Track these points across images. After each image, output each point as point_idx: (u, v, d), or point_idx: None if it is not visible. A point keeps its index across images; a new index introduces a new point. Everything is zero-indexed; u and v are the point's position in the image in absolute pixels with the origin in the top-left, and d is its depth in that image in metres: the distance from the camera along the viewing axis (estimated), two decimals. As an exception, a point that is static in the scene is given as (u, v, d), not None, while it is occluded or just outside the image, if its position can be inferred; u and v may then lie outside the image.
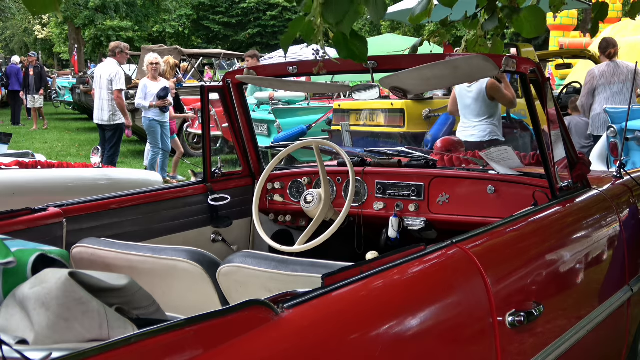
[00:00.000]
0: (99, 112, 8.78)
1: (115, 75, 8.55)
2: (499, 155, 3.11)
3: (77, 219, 2.67)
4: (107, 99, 8.65)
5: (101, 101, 8.72)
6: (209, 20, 37.80)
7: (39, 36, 37.12)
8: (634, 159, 6.12)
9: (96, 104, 8.86)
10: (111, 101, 8.62)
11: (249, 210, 3.32)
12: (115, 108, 8.63)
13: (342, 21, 1.61)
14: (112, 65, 8.70)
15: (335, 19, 1.60)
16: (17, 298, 1.46)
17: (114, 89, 8.52)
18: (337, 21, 1.60)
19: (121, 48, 8.82)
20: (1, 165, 4.47)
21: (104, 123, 8.78)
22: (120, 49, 8.78)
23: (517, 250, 2.18)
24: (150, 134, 9.09)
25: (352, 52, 1.70)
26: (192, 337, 1.22)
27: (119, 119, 8.73)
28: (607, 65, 6.99)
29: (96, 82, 8.93)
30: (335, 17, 1.59)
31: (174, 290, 2.16)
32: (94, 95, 9.04)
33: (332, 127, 8.76)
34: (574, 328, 2.25)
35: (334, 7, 1.58)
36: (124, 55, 8.85)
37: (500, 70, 2.45)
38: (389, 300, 1.62)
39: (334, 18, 1.59)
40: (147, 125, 9.05)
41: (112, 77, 8.55)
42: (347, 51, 1.70)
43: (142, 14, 29.45)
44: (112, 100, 8.60)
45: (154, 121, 9.00)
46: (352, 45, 1.68)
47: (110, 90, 8.56)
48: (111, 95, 8.57)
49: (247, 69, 3.18)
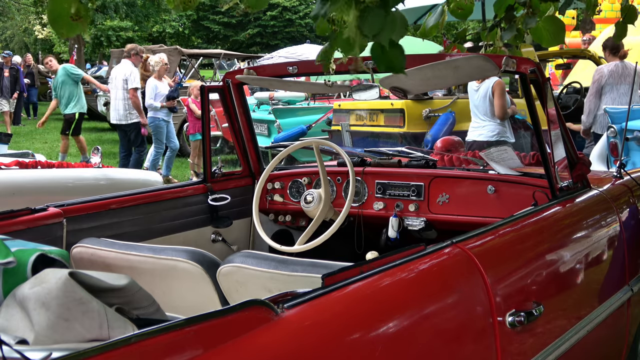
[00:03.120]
0: (115, 112, 8.85)
1: (130, 75, 8.65)
2: (499, 155, 3.11)
3: (77, 219, 2.67)
4: (122, 99, 8.73)
5: (116, 101, 8.80)
6: (209, 20, 37.80)
7: (39, 36, 37.13)
8: (634, 159, 6.12)
9: (112, 105, 8.94)
10: (126, 100, 8.68)
11: (249, 210, 3.32)
12: (131, 107, 8.69)
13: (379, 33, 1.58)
14: (127, 66, 8.79)
15: (372, 31, 1.56)
16: (17, 298, 1.46)
17: (129, 88, 8.60)
18: (375, 33, 1.57)
19: (137, 50, 8.95)
20: (1, 165, 4.47)
21: (120, 122, 8.84)
22: (135, 51, 8.91)
23: (517, 250, 2.18)
24: (157, 133, 9.09)
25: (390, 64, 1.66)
26: (192, 337, 1.22)
27: (135, 118, 8.79)
28: (616, 66, 6.95)
29: (112, 83, 8.98)
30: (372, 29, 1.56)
31: (174, 290, 2.16)
32: (111, 97, 9.10)
33: (332, 127, 8.76)
34: (574, 328, 2.25)
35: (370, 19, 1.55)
36: (139, 57, 8.97)
37: (501, 70, 2.45)
38: (389, 300, 1.62)
39: (370, 30, 1.56)
40: (155, 124, 9.06)
41: (127, 76, 8.64)
42: (386, 63, 1.66)
43: (142, 14, 29.43)
44: (127, 99, 8.67)
45: (163, 121, 9.03)
46: (392, 56, 1.65)
47: (125, 89, 8.63)
48: (126, 94, 8.64)
49: (248, 69, 3.18)
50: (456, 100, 7.72)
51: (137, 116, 8.77)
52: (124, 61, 8.94)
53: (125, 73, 8.69)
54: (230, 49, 29.83)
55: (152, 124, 9.10)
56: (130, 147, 9.07)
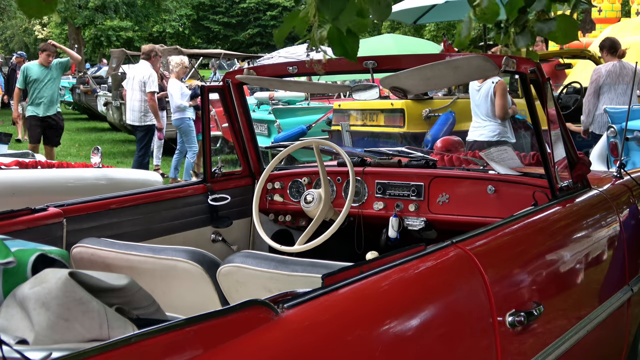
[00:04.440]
0: (131, 112, 8.84)
1: (148, 78, 8.58)
2: (499, 155, 3.11)
3: (77, 219, 2.67)
4: (138, 100, 8.70)
5: (132, 102, 8.78)
6: (209, 20, 37.80)
7: (39, 36, 37.10)
8: (634, 159, 6.11)
9: (128, 105, 8.90)
10: (143, 102, 8.67)
11: (249, 210, 3.32)
12: (147, 109, 8.68)
13: (338, 17, 1.57)
14: (145, 68, 8.71)
15: (331, 14, 1.56)
16: (17, 298, 1.46)
17: (147, 91, 8.56)
18: (334, 16, 1.57)
19: (156, 51, 8.87)
20: (1, 165, 4.47)
21: (135, 124, 8.84)
22: (155, 52, 8.83)
23: (517, 250, 2.18)
24: (187, 133, 9.07)
25: (344, 50, 1.67)
26: (192, 337, 1.22)
27: (150, 120, 8.77)
28: (614, 66, 6.95)
29: (129, 83, 8.95)
30: (332, 12, 1.56)
31: (174, 290, 2.16)
32: (126, 97, 9.06)
33: (332, 127, 8.76)
34: (574, 328, 2.25)
35: (330, 2, 1.55)
36: (157, 58, 8.89)
37: (500, 70, 2.45)
38: (389, 300, 1.62)
39: (330, 13, 1.56)
40: (185, 125, 9.02)
41: (146, 79, 8.58)
42: (340, 48, 1.67)
43: (142, 14, 29.42)
44: (144, 101, 8.65)
45: (192, 120, 9.04)
46: (346, 42, 1.65)
47: (143, 91, 8.62)
48: (144, 96, 8.62)
49: (248, 69, 3.18)
50: (456, 100, 7.72)
51: (152, 118, 8.75)
52: (142, 62, 8.88)
53: (145, 75, 8.62)
54: (230, 49, 29.83)
55: (180, 125, 9.06)
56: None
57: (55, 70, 8.88)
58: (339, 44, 1.66)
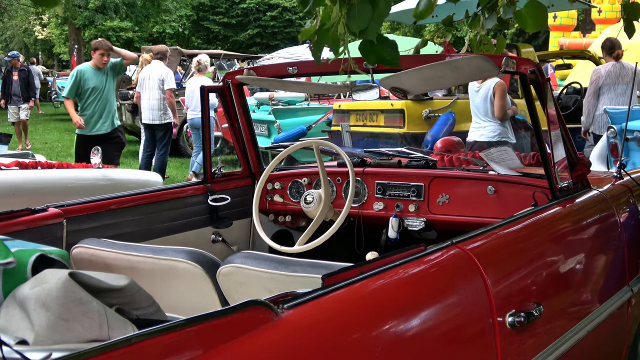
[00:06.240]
0: (149, 112, 8.86)
1: (166, 76, 8.74)
2: (499, 156, 3.11)
3: (77, 220, 2.67)
4: (157, 99, 8.77)
5: (150, 101, 8.82)
6: (209, 21, 37.79)
7: (39, 37, 37.12)
8: (634, 159, 6.12)
9: (144, 104, 8.91)
10: (162, 100, 8.74)
11: (249, 211, 3.32)
12: (166, 107, 8.76)
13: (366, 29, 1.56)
14: (161, 67, 8.86)
15: (359, 28, 1.54)
16: (17, 298, 1.46)
17: (166, 89, 8.67)
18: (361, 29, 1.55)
19: (166, 51, 9.16)
20: (1, 165, 4.47)
21: (154, 122, 8.87)
22: (169, 52, 9.17)
23: (517, 250, 2.18)
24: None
25: (382, 57, 1.64)
26: (192, 337, 1.22)
27: (169, 118, 8.86)
28: (613, 66, 6.96)
29: (144, 83, 8.97)
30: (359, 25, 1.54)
31: (174, 290, 2.16)
32: (138, 97, 9.09)
33: (332, 128, 8.76)
34: (574, 328, 2.25)
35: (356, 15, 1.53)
36: (167, 58, 9.11)
37: (500, 70, 2.45)
38: (388, 301, 1.62)
39: (357, 27, 1.54)
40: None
41: (164, 77, 8.72)
42: (376, 57, 1.64)
43: (142, 14, 29.40)
44: (163, 99, 8.73)
45: (213, 119, 9.05)
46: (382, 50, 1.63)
47: (161, 90, 8.71)
48: (162, 95, 8.70)
49: (248, 70, 3.18)
50: (456, 101, 7.73)
51: (171, 116, 8.84)
52: (155, 62, 9.00)
53: (162, 74, 8.74)
54: (230, 50, 29.84)
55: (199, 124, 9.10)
56: (154, 147, 9.04)
57: (111, 73, 7.29)
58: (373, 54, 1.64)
